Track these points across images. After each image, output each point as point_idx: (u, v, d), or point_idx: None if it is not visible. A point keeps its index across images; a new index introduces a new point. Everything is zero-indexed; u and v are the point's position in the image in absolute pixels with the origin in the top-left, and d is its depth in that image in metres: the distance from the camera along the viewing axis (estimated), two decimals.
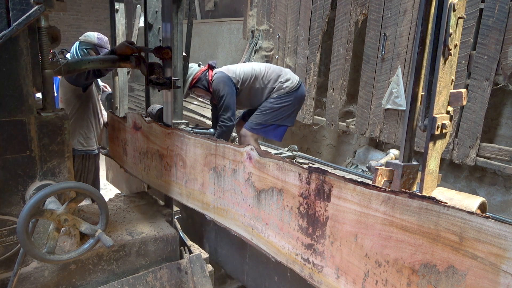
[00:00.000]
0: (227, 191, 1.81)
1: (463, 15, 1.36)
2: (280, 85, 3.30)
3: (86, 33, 3.12)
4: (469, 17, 3.49)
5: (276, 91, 3.30)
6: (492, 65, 3.47)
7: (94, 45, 3.07)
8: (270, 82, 3.31)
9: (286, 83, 3.32)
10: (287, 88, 3.31)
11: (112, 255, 2.00)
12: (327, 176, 1.34)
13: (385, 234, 1.18)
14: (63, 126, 1.70)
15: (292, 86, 3.32)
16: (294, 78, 3.38)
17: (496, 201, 3.87)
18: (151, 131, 2.28)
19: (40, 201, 1.45)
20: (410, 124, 1.44)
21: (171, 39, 2.17)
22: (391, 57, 4.21)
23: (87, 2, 10.23)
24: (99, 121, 3.32)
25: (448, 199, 1.30)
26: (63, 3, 1.53)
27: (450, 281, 1.04)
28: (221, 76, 3.23)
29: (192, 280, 2.14)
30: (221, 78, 3.22)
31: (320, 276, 1.42)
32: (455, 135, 3.80)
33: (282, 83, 3.31)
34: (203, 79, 3.29)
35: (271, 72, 3.35)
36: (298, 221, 1.47)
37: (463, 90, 1.48)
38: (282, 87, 3.30)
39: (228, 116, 3.17)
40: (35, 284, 1.77)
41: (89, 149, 3.23)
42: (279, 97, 3.30)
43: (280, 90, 3.30)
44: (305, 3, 5.06)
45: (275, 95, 3.30)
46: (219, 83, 3.20)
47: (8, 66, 1.51)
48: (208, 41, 7.77)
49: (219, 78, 3.22)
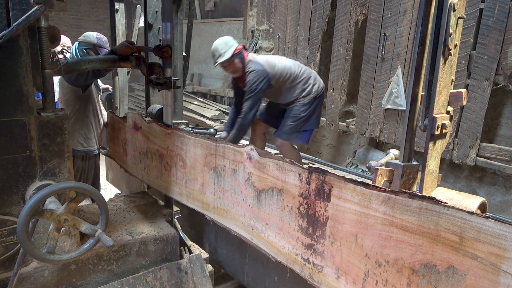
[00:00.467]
0: (227, 191, 1.81)
1: (463, 15, 1.36)
2: (309, 88, 3.34)
3: (85, 33, 3.11)
4: (469, 17, 3.49)
5: (305, 95, 3.33)
6: (492, 65, 3.47)
7: (93, 45, 3.05)
8: (300, 83, 3.33)
9: (314, 87, 3.35)
10: (315, 93, 3.36)
11: (112, 255, 2.00)
12: (327, 176, 1.34)
13: (385, 234, 1.18)
14: (63, 126, 1.69)
15: (319, 90, 3.38)
16: (320, 82, 3.43)
17: (496, 201, 3.87)
18: (151, 131, 2.28)
19: (40, 201, 1.45)
20: (410, 124, 1.44)
21: (171, 39, 2.17)
22: (391, 57, 4.21)
23: (87, 2, 10.23)
24: (99, 121, 3.32)
25: (448, 199, 1.30)
26: (63, 3, 1.52)
27: (450, 281, 1.04)
28: (261, 70, 3.19)
29: (192, 280, 2.14)
30: (261, 72, 3.17)
31: (320, 276, 1.42)
32: (455, 135, 3.80)
33: (312, 86, 3.35)
34: (242, 55, 3.24)
35: (303, 72, 3.36)
36: (298, 221, 1.47)
37: (463, 90, 1.48)
38: (312, 91, 3.34)
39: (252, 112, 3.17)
40: (35, 284, 1.77)
41: (89, 150, 3.22)
42: (309, 103, 3.34)
43: (310, 94, 3.33)
44: (305, 3, 5.06)
45: (305, 101, 3.33)
46: (258, 76, 3.16)
47: (8, 66, 1.51)
48: (208, 41, 7.77)
49: (259, 71, 3.18)
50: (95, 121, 3.25)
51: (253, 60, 3.26)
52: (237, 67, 3.24)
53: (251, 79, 3.16)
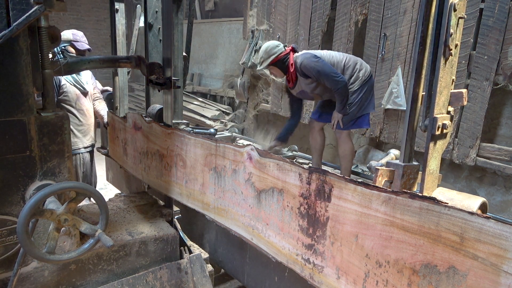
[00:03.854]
0: (227, 191, 1.81)
1: (463, 15, 1.36)
2: (356, 74, 3.35)
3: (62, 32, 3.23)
4: (469, 17, 3.48)
5: (353, 82, 3.35)
6: (492, 65, 3.47)
7: (70, 41, 3.28)
8: (348, 69, 3.36)
9: (361, 72, 3.37)
10: (362, 78, 3.37)
11: (112, 255, 1.99)
12: (328, 177, 1.34)
13: (386, 235, 1.18)
14: (63, 126, 1.69)
15: (366, 74, 3.39)
16: (367, 67, 3.47)
17: (496, 201, 3.87)
18: (151, 131, 2.28)
19: (40, 201, 1.45)
20: (410, 124, 1.44)
21: (171, 39, 2.17)
22: (391, 57, 4.21)
23: (87, 2, 10.23)
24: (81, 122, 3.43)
25: (448, 200, 1.30)
26: (63, 3, 1.52)
27: (451, 281, 1.04)
28: (309, 56, 3.29)
29: (192, 280, 2.14)
30: (310, 58, 3.27)
31: (321, 277, 1.42)
32: (455, 135, 3.80)
33: (358, 71, 3.37)
34: (284, 61, 3.39)
35: (348, 60, 3.41)
36: (298, 222, 1.47)
37: (463, 90, 1.48)
38: (359, 76, 3.35)
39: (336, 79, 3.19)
40: (35, 284, 1.76)
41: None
42: (358, 90, 3.36)
43: (358, 80, 3.36)
44: (305, 3, 5.06)
45: (354, 88, 3.35)
46: (310, 63, 3.24)
47: (8, 66, 1.51)
48: (208, 41, 7.77)
49: (308, 58, 3.27)
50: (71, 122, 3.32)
51: (298, 54, 3.39)
52: (276, 73, 3.47)
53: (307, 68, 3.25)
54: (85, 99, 3.49)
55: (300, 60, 3.30)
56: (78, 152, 3.47)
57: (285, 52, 3.38)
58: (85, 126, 3.48)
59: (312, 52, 3.37)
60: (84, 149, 3.51)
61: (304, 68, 3.27)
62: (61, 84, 3.27)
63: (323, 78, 3.20)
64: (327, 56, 3.36)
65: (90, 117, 3.54)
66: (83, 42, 3.34)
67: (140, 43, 8.02)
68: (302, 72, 3.30)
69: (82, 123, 3.46)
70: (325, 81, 3.21)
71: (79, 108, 3.42)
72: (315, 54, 3.31)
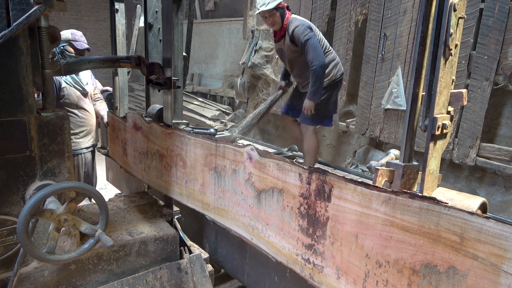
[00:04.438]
0: (227, 191, 1.81)
1: (463, 15, 1.36)
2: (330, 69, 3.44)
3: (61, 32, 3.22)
4: (469, 17, 3.49)
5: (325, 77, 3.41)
6: (492, 65, 3.47)
7: (68, 40, 3.26)
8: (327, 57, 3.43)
9: (334, 71, 3.47)
10: (333, 77, 3.48)
11: (112, 255, 1.99)
12: (328, 176, 1.34)
13: (386, 235, 1.18)
14: (63, 126, 1.69)
15: (337, 75, 3.50)
16: (341, 68, 3.57)
17: (496, 201, 3.87)
18: (151, 131, 2.28)
19: (40, 201, 1.45)
20: (410, 124, 1.44)
21: (171, 39, 2.17)
22: (391, 57, 4.21)
23: (87, 2, 10.23)
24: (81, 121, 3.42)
25: (448, 200, 1.30)
26: (63, 3, 1.52)
27: (450, 281, 1.04)
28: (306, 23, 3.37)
29: (192, 280, 2.14)
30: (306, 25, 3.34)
31: (321, 277, 1.42)
32: (455, 135, 3.80)
33: (333, 67, 3.46)
34: (284, 11, 3.45)
35: (332, 52, 3.51)
36: (298, 222, 1.47)
37: (463, 90, 1.48)
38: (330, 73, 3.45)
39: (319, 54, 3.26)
40: (35, 284, 1.77)
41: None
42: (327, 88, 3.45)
43: (329, 76, 3.44)
44: (305, 3, 5.06)
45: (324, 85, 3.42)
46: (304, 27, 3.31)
47: (8, 66, 1.51)
48: (208, 41, 7.77)
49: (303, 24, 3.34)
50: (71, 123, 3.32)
51: (297, 17, 3.48)
52: (276, 20, 3.44)
53: (300, 31, 3.32)
54: (86, 100, 3.49)
55: (295, 25, 3.36)
56: (80, 152, 3.47)
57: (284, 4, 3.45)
58: (87, 126, 3.49)
59: (309, 24, 3.42)
60: (86, 150, 3.52)
61: (296, 34, 3.33)
62: (61, 87, 3.26)
63: (308, 48, 3.27)
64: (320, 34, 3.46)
65: (92, 117, 3.55)
66: (82, 41, 3.34)
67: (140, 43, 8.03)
68: (292, 37, 3.36)
69: (84, 124, 3.46)
70: (309, 52, 3.27)
71: (81, 109, 3.42)
72: (311, 27, 3.38)
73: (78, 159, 3.48)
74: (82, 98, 3.42)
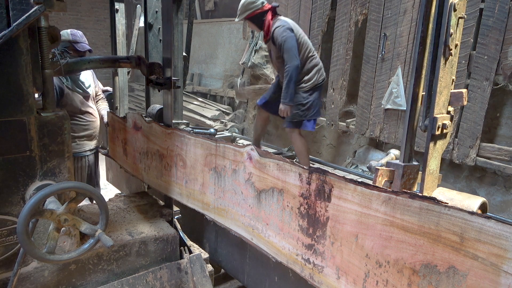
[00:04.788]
0: (227, 191, 1.81)
1: (463, 15, 1.36)
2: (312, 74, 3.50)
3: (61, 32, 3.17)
4: (469, 17, 3.48)
5: (306, 81, 3.50)
6: (492, 65, 3.46)
7: (69, 41, 3.17)
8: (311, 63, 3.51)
9: (316, 76, 3.53)
10: (315, 82, 3.53)
11: (112, 255, 1.99)
12: (328, 177, 1.34)
13: (386, 235, 1.18)
14: (63, 126, 1.69)
15: (319, 80, 3.55)
16: (323, 73, 3.64)
17: (496, 201, 3.87)
18: (151, 131, 2.27)
19: (40, 201, 1.45)
20: (410, 124, 1.44)
21: (171, 39, 2.17)
22: (391, 57, 4.21)
23: (87, 2, 10.22)
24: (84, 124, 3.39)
25: (448, 200, 1.30)
26: (63, 3, 1.52)
27: (451, 281, 1.04)
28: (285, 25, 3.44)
29: (192, 280, 2.14)
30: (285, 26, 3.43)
31: (321, 277, 1.42)
32: (455, 135, 3.80)
33: (315, 72, 3.52)
34: (260, 17, 3.53)
35: (316, 57, 3.58)
36: (298, 222, 1.47)
37: (463, 90, 1.48)
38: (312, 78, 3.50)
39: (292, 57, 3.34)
40: (35, 284, 1.77)
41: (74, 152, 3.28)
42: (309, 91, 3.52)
43: (311, 81, 3.51)
44: (305, 3, 5.06)
45: (306, 88, 3.51)
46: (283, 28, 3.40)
47: (8, 66, 1.51)
48: (208, 41, 7.77)
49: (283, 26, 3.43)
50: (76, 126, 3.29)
51: (281, 18, 3.56)
52: (253, 26, 3.65)
53: (279, 32, 3.41)
54: (89, 103, 3.45)
55: (276, 25, 3.45)
56: (85, 154, 3.42)
57: (261, 9, 3.50)
58: (92, 129, 3.43)
59: (291, 25, 3.49)
60: (90, 152, 3.47)
61: (275, 35, 3.43)
62: (64, 93, 3.19)
63: (284, 49, 3.36)
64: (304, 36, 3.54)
65: (96, 119, 3.49)
66: (83, 42, 3.26)
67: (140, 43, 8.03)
68: (273, 37, 3.46)
69: (89, 127, 3.41)
70: (284, 53, 3.37)
71: (85, 112, 3.39)
72: (292, 28, 3.45)
73: (82, 161, 3.44)
74: (84, 102, 3.38)
